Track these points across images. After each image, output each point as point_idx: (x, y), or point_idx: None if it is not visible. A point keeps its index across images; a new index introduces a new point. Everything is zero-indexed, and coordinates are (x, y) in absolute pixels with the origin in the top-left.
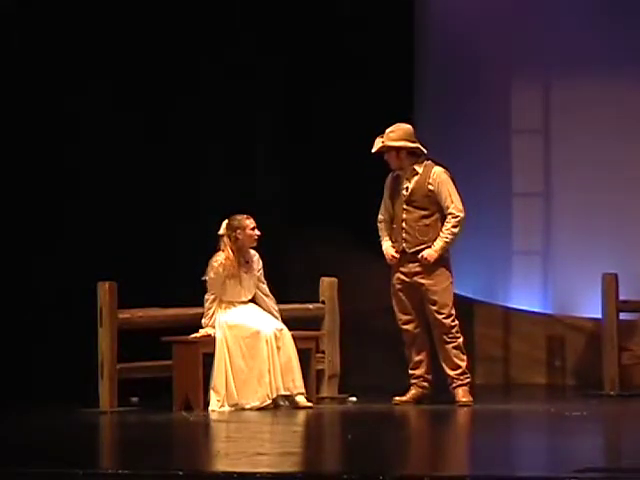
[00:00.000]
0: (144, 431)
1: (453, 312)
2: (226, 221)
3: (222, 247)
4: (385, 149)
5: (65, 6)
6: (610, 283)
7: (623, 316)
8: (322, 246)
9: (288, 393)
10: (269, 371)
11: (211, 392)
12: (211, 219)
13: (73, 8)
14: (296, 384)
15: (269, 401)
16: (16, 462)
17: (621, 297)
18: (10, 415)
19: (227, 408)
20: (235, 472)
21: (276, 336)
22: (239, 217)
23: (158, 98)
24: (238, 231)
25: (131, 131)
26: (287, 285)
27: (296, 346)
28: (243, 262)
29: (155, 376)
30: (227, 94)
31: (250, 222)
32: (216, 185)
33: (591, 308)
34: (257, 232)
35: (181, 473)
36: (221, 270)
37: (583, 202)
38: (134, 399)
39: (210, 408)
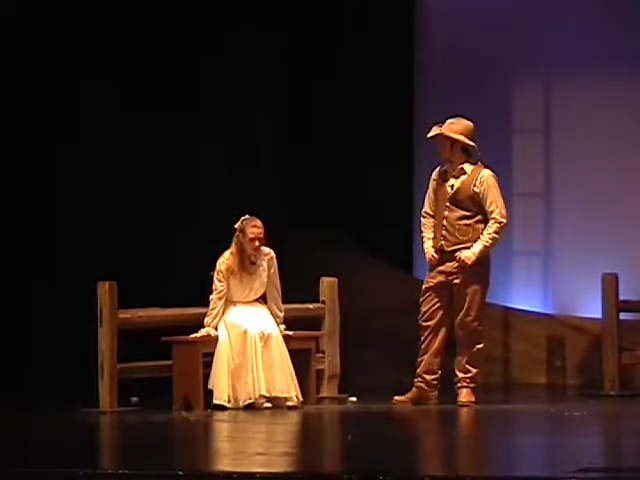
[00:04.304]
0: (144, 431)
1: (480, 317)
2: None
3: (232, 243)
4: (441, 137)
5: (65, 6)
6: (610, 283)
7: (623, 316)
8: (322, 246)
9: (268, 394)
10: (252, 370)
11: (214, 388)
12: (211, 219)
13: (73, 8)
14: (275, 386)
15: (250, 400)
16: (16, 462)
17: (621, 297)
18: (10, 415)
19: (225, 403)
20: (235, 472)
21: (261, 336)
22: (246, 221)
23: (158, 96)
24: (240, 235)
25: (131, 131)
26: (287, 285)
27: (289, 347)
28: (248, 263)
29: (155, 376)
30: (227, 94)
31: (253, 230)
32: (216, 185)
33: (591, 308)
34: (256, 243)
35: (181, 473)
36: (223, 269)
37: (583, 202)
38: (134, 399)
39: (215, 402)
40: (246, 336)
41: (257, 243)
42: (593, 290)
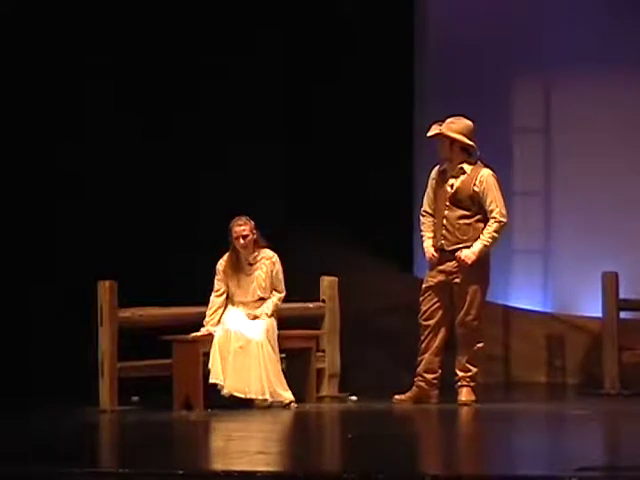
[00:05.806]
0: (144, 430)
1: (481, 316)
2: None
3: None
4: (440, 137)
5: (66, 5)
6: (610, 282)
7: (623, 315)
8: (322, 245)
9: (242, 395)
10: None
11: (211, 369)
12: (211, 219)
13: (74, 7)
14: (250, 389)
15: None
16: (16, 462)
17: (621, 296)
18: (10, 415)
19: (221, 382)
20: (235, 471)
21: (238, 338)
22: (233, 222)
23: (158, 97)
24: (230, 237)
25: (131, 130)
26: (287, 284)
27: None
28: (245, 264)
29: (155, 375)
30: (227, 94)
31: (236, 229)
32: (216, 184)
33: (591, 307)
34: (241, 241)
35: (181, 472)
36: (220, 269)
37: (583, 201)
38: (134, 398)
39: (211, 380)
40: (226, 335)
41: (242, 241)
42: (593, 289)
